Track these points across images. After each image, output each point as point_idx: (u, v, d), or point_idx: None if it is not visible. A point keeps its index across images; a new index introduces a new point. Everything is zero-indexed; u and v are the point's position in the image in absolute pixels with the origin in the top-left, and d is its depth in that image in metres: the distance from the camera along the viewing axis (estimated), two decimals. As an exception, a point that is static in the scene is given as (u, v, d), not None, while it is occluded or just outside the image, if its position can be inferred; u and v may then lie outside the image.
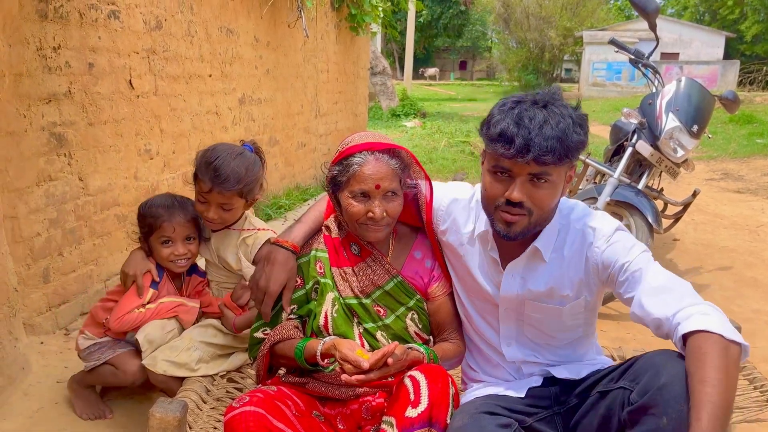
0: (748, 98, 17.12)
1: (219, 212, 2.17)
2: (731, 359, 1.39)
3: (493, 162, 1.64)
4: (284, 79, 6.07)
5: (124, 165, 3.53)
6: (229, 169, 2.08)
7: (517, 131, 1.53)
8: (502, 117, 1.58)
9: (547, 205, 1.64)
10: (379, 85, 17.15)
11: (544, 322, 1.83)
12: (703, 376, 1.37)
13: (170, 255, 2.26)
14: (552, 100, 1.59)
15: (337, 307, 1.90)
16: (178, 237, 2.25)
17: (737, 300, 4.36)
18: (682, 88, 4.13)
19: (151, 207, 2.26)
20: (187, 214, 2.26)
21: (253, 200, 2.25)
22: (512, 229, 1.66)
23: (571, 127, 1.55)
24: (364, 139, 1.80)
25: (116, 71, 3.41)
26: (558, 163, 1.56)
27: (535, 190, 1.61)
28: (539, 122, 1.53)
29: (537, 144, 1.51)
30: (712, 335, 1.41)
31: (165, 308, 2.26)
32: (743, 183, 8.63)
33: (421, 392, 1.63)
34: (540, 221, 1.68)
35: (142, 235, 2.29)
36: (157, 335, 2.22)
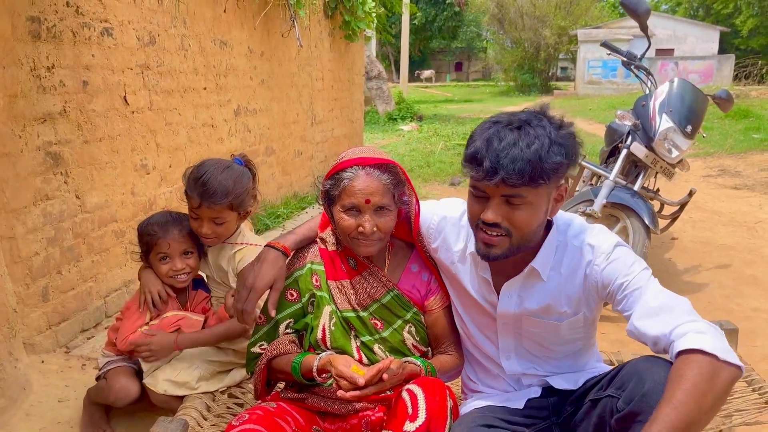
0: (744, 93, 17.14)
1: (212, 227, 2.17)
2: (713, 383, 1.36)
3: (471, 182, 1.64)
4: (279, 88, 6.09)
5: (120, 181, 3.54)
6: (217, 182, 2.10)
7: (486, 153, 1.52)
8: (477, 138, 1.57)
9: (527, 227, 1.60)
10: (375, 90, 17.18)
11: (542, 336, 1.83)
12: (669, 396, 1.36)
13: (169, 271, 2.27)
14: (530, 119, 1.56)
15: (335, 320, 1.91)
16: (174, 252, 2.26)
17: (736, 299, 4.36)
18: (674, 88, 4.14)
19: (147, 225, 2.27)
20: (182, 229, 2.27)
21: (246, 213, 2.26)
22: (491, 251, 1.64)
23: (547, 148, 1.50)
24: (357, 154, 1.81)
25: (111, 88, 3.42)
26: (531, 185, 1.52)
27: (511, 212, 1.58)
28: (508, 144, 1.50)
29: (504, 166, 1.49)
30: (701, 356, 1.39)
31: (168, 322, 2.27)
32: (740, 179, 8.64)
33: (418, 406, 1.64)
34: (522, 243, 1.64)
35: (142, 254, 2.30)
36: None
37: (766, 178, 8.48)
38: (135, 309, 2.29)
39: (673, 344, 1.47)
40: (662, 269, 5.00)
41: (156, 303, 2.28)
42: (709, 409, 1.36)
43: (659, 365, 1.52)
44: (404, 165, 9.57)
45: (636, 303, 1.59)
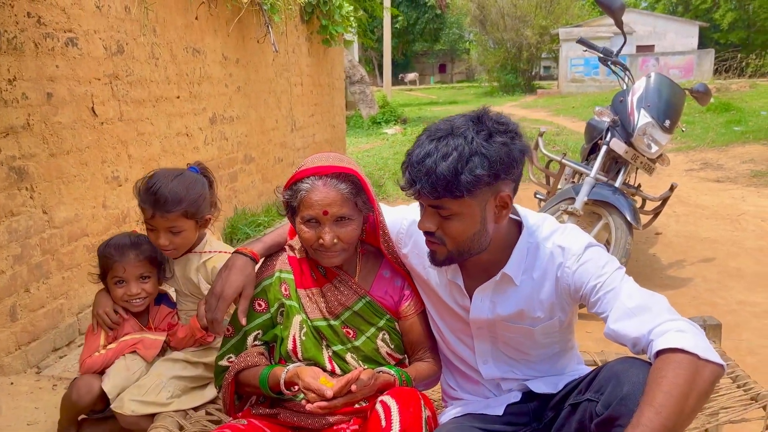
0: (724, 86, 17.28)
1: (168, 237, 2.11)
2: (695, 382, 1.33)
3: None
4: (256, 95, 6.02)
5: (90, 194, 3.45)
6: (168, 190, 2.05)
7: (407, 165, 1.53)
8: (412, 148, 1.57)
9: (460, 236, 1.56)
10: (358, 94, 17.14)
11: (517, 341, 1.78)
12: (651, 399, 1.32)
13: (123, 295, 2.21)
14: (457, 128, 1.50)
15: (306, 330, 1.85)
16: (130, 277, 2.20)
17: (721, 292, 4.35)
18: (651, 83, 4.13)
19: (105, 247, 2.21)
20: (140, 253, 2.21)
21: (204, 221, 2.20)
22: (435, 257, 1.65)
23: (465, 160, 1.45)
24: (315, 162, 1.75)
25: (77, 99, 3.34)
26: (451, 197, 1.48)
27: (443, 222, 1.57)
28: (423, 156, 1.49)
29: (419, 179, 1.49)
30: (682, 355, 1.35)
31: (125, 345, 2.20)
32: (723, 172, 8.67)
33: (392, 418, 1.58)
34: (462, 251, 1.60)
35: (100, 276, 2.24)
36: (122, 379, 2.16)
37: (748, 170, 8.51)
38: (91, 333, 2.23)
39: (652, 344, 1.43)
40: (647, 264, 4.98)
41: (108, 324, 2.21)
42: (691, 410, 1.32)
43: (637, 367, 1.48)
44: (388, 168, 9.61)
45: (611, 304, 1.54)
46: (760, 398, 2.05)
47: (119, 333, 2.25)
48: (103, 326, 2.22)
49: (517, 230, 1.70)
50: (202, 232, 2.25)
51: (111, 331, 2.23)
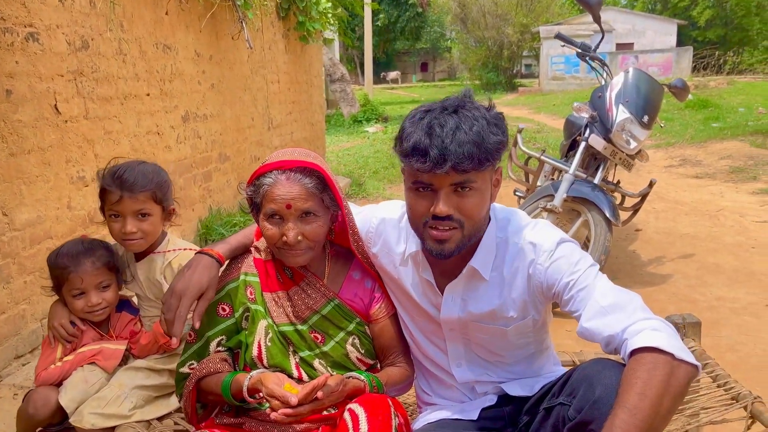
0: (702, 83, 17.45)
1: (136, 223, 2.02)
2: (670, 383, 1.28)
3: (413, 178, 1.53)
4: (231, 92, 5.90)
5: (54, 195, 3.33)
6: (135, 172, 2.00)
7: (430, 142, 1.43)
8: (413, 129, 1.47)
9: (477, 214, 1.53)
10: (339, 92, 17.03)
11: (490, 342, 1.72)
12: (624, 400, 1.28)
13: (84, 307, 2.10)
14: (462, 104, 1.49)
15: (271, 336, 1.76)
16: (89, 287, 2.08)
17: (700, 288, 4.33)
18: (630, 79, 4.10)
19: (57, 258, 2.07)
20: (96, 261, 2.09)
21: (170, 211, 2.13)
22: (446, 247, 1.54)
23: (487, 128, 1.45)
24: (279, 157, 1.67)
25: (39, 96, 3.21)
26: (479, 168, 1.46)
27: (461, 201, 1.50)
28: (451, 128, 1.43)
29: (453, 152, 1.41)
30: (657, 354, 1.31)
31: (83, 357, 2.09)
32: (701, 168, 8.72)
33: (360, 427, 1.51)
34: (473, 233, 1.56)
35: (54, 288, 2.12)
36: (80, 392, 2.05)
37: (726, 166, 8.56)
38: (47, 344, 2.11)
39: (626, 342, 1.38)
40: (626, 261, 4.96)
41: (65, 338, 2.10)
42: (667, 411, 1.27)
43: (610, 368, 1.43)
44: (369, 167, 9.53)
45: (585, 302, 1.49)
46: (741, 398, 2.01)
47: (77, 344, 2.14)
48: (59, 339, 2.11)
49: (485, 219, 1.64)
50: (164, 231, 2.16)
51: (69, 344, 2.12)
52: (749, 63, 27.44)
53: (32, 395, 2.07)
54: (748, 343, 3.46)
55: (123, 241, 2.08)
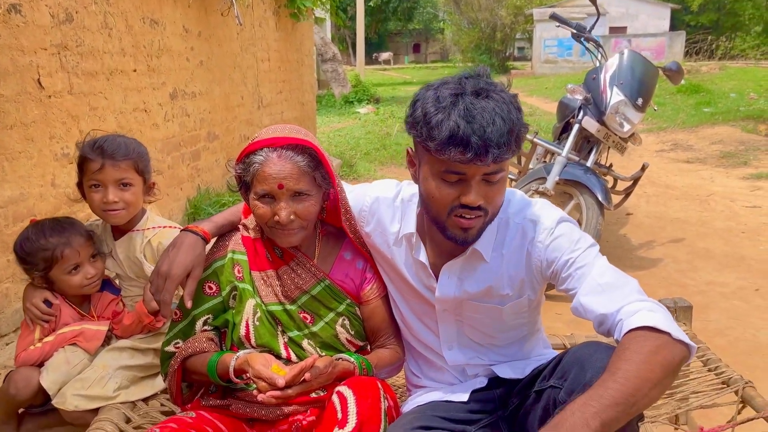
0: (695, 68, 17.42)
1: (118, 192, 1.99)
2: (661, 354, 1.26)
3: (444, 167, 1.42)
4: (220, 70, 5.80)
5: (38, 172, 3.25)
6: (117, 141, 2.00)
7: (471, 131, 1.33)
8: (446, 116, 1.35)
9: (501, 200, 1.51)
10: (330, 72, 16.87)
11: (484, 322, 1.69)
12: (612, 367, 1.25)
13: (82, 281, 2.06)
14: (488, 86, 1.40)
15: (260, 315, 1.73)
16: (84, 259, 2.05)
17: (690, 273, 4.33)
18: (624, 61, 4.05)
19: (38, 240, 2.01)
20: (83, 232, 2.06)
21: (150, 185, 2.10)
22: (470, 234, 1.50)
23: (516, 114, 1.39)
24: (270, 134, 1.62)
25: (21, 70, 3.12)
26: (511, 157, 1.42)
27: (489, 190, 1.44)
28: (491, 116, 1.34)
29: (495, 142, 1.33)
30: (651, 332, 1.29)
31: (63, 338, 2.05)
32: (693, 152, 8.73)
33: (348, 410, 1.48)
34: (492, 219, 1.53)
35: (40, 275, 2.06)
36: (62, 374, 2.01)
37: (717, 151, 8.58)
38: (26, 326, 2.07)
39: (621, 323, 1.36)
40: (617, 245, 4.95)
41: (40, 317, 2.06)
42: (657, 381, 1.24)
43: (602, 351, 1.41)
44: (360, 148, 9.46)
45: (582, 280, 1.47)
46: (732, 383, 2.00)
47: (57, 324, 2.09)
48: (36, 320, 2.06)
49: None
50: (143, 208, 2.13)
51: (46, 324, 2.07)
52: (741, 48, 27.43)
53: (13, 376, 2.03)
54: (737, 327, 3.47)
55: (104, 212, 2.03)
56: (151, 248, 2.08)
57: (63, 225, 2.04)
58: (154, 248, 2.08)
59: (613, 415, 1.18)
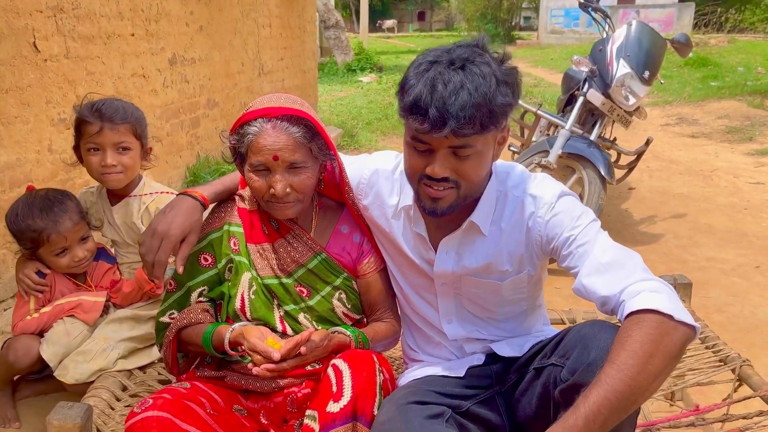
0: (703, 41, 17.16)
1: (116, 156, 2.00)
2: (663, 343, 1.24)
3: (411, 134, 1.44)
4: (221, 36, 5.70)
5: (34, 137, 3.21)
6: (115, 104, 2.01)
7: (431, 100, 1.32)
8: (416, 82, 1.36)
9: (476, 176, 1.47)
10: (333, 40, 16.63)
11: (483, 297, 1.68)
12: (614, 357, 1.25)
13: (70, 263, 2.06)
14: (472, 56, 1.37)
15: (255, 288, 1.71)
16: (72, 243, 2.04)
17: (691, 248, 4.32)
18: (632, 32, 3.97)
19: (26, 219, 1.99)
20: (72, 215, 2.04)
21: (147, 150, 2.11)
22: (439, 205, 1.48)
23: (495, 89, 1.34)
24: (264, 103, 1.58)
25: (16, 33, 3.06)
26: (481, 133, 1.37)
27: (459, 163, 1.42)
28: (455, 88, 1.32)
29: (453, 115, 1.31)
30: (653, 315, 1.27)
31: (60, 310, 2.05)
32: (698, 127, 8.64)
33: (343, 384, 1.47)
34: (469, 193, 1.50)
35: (28, 252, 2.05)
36: (62, 345, 2.01)
37: (722, 126, 8.48)
38: (21, 296, 2.08)
39: (623, 304, 1.34)
40: (618, 220, 4.93)
41: (33, 288, 2.06)
42: (659, 372, 1.24)
43: (606, 331, 1.39)
44: (362, 118, 9.37)
45: (583, 259, 1.44)
46: (729, 361, 2.00)
47: (52, 295, 2.09)
48: (29, 291, 2.05)
49: (486, 178, 1.57)
50: (140, 174, 2.11)
51: (40, 294, 2.07)
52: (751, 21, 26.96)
53: (13, 343, 2.03)
54: (736, 304, 3.46)
55: (103, 175, 2.02)
56: (149, 214, 2.07)
57: (53, 204, 2.01)
58: (151, 214, 2.07)
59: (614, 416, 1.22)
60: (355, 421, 1.44)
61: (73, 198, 2.09)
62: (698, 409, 1.87)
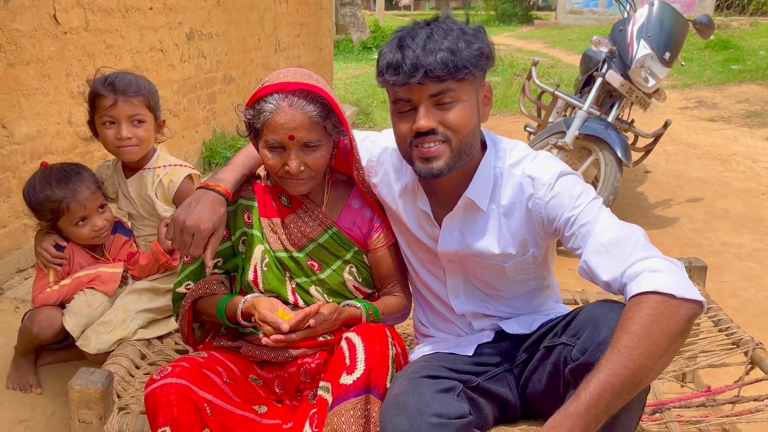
0: (725, 23, 16.79)
1: (131, 129, 2.02)
2: (664, 323, 1.25)
3: (392, 97, 1.51)
4: (238, 11, 5.68)
5: (54, 109, 3.25)
6: (128, 78, 2.04)
7: (402, 54, 1.41)
8: (387, 48, 1.47)
9: (465, 126, 1.48)
10: (348, 17, 16.51)
11: (489, 276, 1.69)
12: (615, 341, 1.26)
13: (90, 232, 2.09)
14: (435, 18, 1.48)
15: (268, 261, 1.74)
16: (91, 212, 2.07)
17: (706, 233, 4.29)
18: (654, 12, 3.91)
19: (44, 190, 2.02)
20: (90, 184, 2.07)
21: (160, 122, 2.13)
22: (434, 165, 1.50)
23: (461, 37, 1.43)
24: (280, 78, 1.58)
25: (37, 5, 3.08)
26: (456, 76, 1.42)
27: (444, 114, 1.46)
28: (422, 39, 1.42)
29: (424, 60, 1.39)
30: (654, 296, 1.27)
31: (79, 282, 2.09)
32: (717, 111, 8.51)
33: (357, 356, 1.50)
34: (462, 148, 1.51)
35: (48, 224, 2.09)
36: (84, 316, 2.05)
37: (742, 110, 8.35)
38: (40, 268, 2.13)
39: (626, 287, 1.35)
40: (633, 203, 4.90)
41: (51, 261, 2.10)
42: (662, 351, 1.25)
43: (617, 311, 1.39)
44: (377, 96, 9.34)
45: (586, 239, 1.45)
46: (742, 343, 2.00)
47: (71, 268, 2.13)
48: (48, 264, 2.09)
49: (475, 134, 1.58)
50: (153, 147, 2.14)
51: (59, 267, 2.11)
52: (775, 4, 26.37)
53: (36, 315, 2.08)
54: (751, 289, 3.45)
55: (118, 148, 2.05)
56: (162, 187, 2.10)
57: (70, 175, 2.05)
58: (165, 186, 2.09)
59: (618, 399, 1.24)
60: (368, 393, 1.46)
61: (87, 169, 2.12)
62: (709, 390, 1.88)
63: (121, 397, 1.76)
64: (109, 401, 1.66)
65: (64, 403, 2.16)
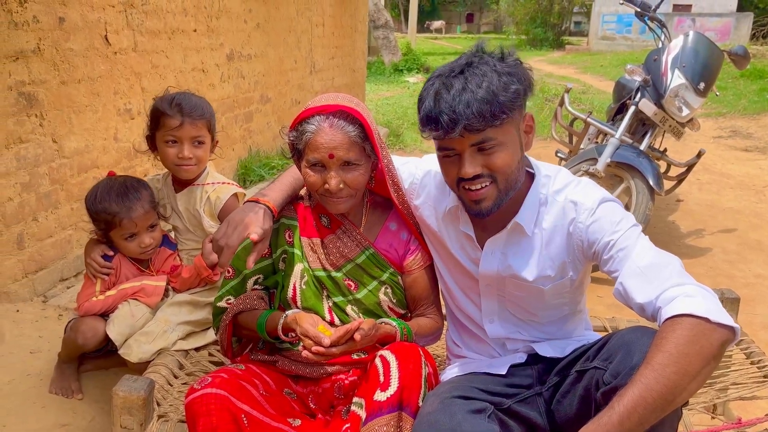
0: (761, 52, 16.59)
1: (192, 149, 2.12)
2: (699, 344, 1.26)
3: (436, 144, 1.55)
4: (276, 33, 5.84)
5: (102, 125, 3.38)
6: (193, 100, 2.13)
7: (439, 108, 1.44)
8: (424, 96, 1.49)
9: (509, 166, 1.52)
10: (381, 39, 16.74)
11: (525, 300, 1.72)
12: (650, 358, 1.28)
13: (137, 248, 2.18)
14: (470, 62, 1.48)
15: (306, 279, 1.80)
16: (141, 229, 2.16)
17: (739, 264, 4.24)
18: (689, 43, 3.92)
19: (102, 202, 2.12)
20: (145, 203, 2.15)
21: (215, 142, 2.23)
22: (483, 205, 1.55)
23: (498, 82, 1.44)
24: (322, 101, 1.66)
25: (90, 26, 3.23)
26: (494, 124, 1.45)
27: (487, 159, 1.50)
28: (458, 91, 1.43)
29: (460, 114, 1.41)
30: (689, 318, 1.29)
31: (124, 294, 2.18)
32: (752, 141, 8.41)
33: (391, 374, 1.54)
34: (509, 186, 1.56)
35: (101, 232, 2.19)
36: (127, 326, 2.13)
37: (778, 140, 8.25)
38: (88, 277, 2.21)
39: (660, 311, 1.37)
40: (665, 232, 4.87)
41: (99, 271, 2.19)
42: (695, 372, 1.26)
43: (649, 336, 1.41)
44: (408, 118, 9.43)
45: (623, 263, 1.48)
46: (774, 377, 1.99)
47: (117, 278, 2.21)
48: (96, 274, 2.19)
49: (530, 181, 1.64)
50: None
51: (106, 277, 2.20)
52: (813, 33, 25.97)
53: (80, 325, 2.16)
54: (784, 322, 3.40)
55: (177, 166, 2.14)
56: (210, 203, 2.18)
57: (129, 191, 2.13)
58: (212, 203, 2.17)
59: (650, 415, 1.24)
60: (400, 410, 1.50)
61: (148, 188, 2.20)
62: (740, 423, 1.87)
63: (160, 405, 1.81)
64: (150, 408, 1.71)
65: (104, 408, 2.25)
